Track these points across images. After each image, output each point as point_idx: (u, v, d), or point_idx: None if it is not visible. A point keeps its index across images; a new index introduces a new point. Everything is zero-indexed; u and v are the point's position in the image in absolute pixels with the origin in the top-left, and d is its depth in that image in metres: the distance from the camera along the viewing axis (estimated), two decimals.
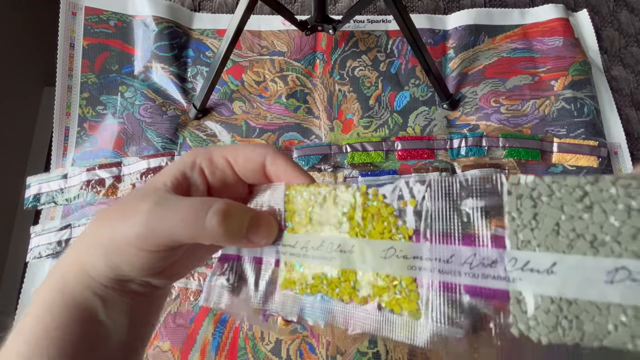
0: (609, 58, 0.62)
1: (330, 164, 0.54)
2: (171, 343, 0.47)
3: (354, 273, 0.17)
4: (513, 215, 0.14)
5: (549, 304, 0.13)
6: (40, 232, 0.52)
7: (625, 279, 0.11)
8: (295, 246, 0.19)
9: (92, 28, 0.60)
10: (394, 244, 0.16)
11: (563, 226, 0.13)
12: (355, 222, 0.18)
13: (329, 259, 0.18)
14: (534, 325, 0.13)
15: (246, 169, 0.22)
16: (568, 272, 0.12)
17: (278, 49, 0.61)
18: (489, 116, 0.57)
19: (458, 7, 0.64)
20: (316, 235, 0.19)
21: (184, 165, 0.22)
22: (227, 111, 0.58)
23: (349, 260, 0.17)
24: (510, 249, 0.14)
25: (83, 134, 0.57)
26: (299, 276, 0.19)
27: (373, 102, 0.58)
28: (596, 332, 0.12)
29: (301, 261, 0.19)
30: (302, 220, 0.20)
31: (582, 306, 0.12)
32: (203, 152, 0.23)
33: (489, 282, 0.14)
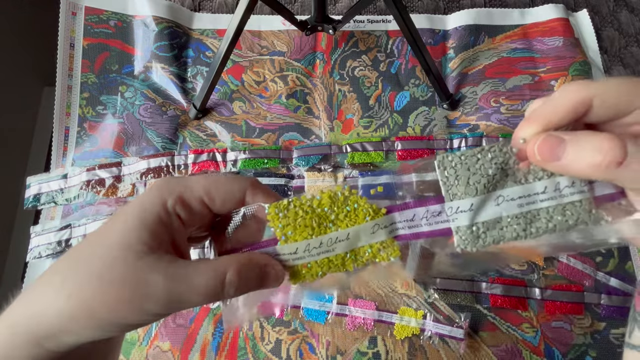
0: (609, 58, 0.62)
1: (330, 164, 0.54)
2: (171, 343, 0.47)
3: (353, 251, 0.22)
4: (443, 180, 0.21)
5: (472, 228, 0.21)
6: (40, 232, 0.52)
7: (503, 202, 0.21)
8: (297, 252, 0.22)
9: (92, 28, 0.60)
10: (377, 221, 0.22)
11: (471, 180, 0.21)
12: (343, 217, 0.22)
13: (331, 251, 0.22)
14: (467, 243, 0.21)
15: (223, 207, 0.22)
16: (478, 206, 0.21)
17: (278, 49, 0.61)
18: (489, 116, 0.57)
19: (458, 7, 0.64)
20: (314, 237, 0.22)
21: (156, 212, 0.20)
22: (227, 111, 0.58)
23: (348, 245, 0.22)
24: (446, 201, 0.21)
25: (83, 134, 0.57)
26: (307, 270, 0.22)
27: (373, 102, 0.58)
28: (498, 235, 0.21)
29: (307, 261, 0.22)
30: (295, 230, 0.22)
31: (488, 223, 0.21)
32: (170, 192, 0.20)
33: (438, 225, 0.22)
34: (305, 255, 0.22)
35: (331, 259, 0.22)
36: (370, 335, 0.47)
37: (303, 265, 0.22)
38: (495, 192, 0.20)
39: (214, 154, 0.54)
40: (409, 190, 0.23)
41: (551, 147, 0.18)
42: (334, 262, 0.22)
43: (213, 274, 0.20)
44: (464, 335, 0.46)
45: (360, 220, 0.22)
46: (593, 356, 0.46)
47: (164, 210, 0.20)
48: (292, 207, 0.22)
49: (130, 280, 0.18)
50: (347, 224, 0.22)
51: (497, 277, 0.48)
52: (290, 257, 0.22)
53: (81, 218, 0.52)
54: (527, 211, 0.20)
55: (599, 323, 0.47)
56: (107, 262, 0.19)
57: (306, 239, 0.22)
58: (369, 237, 0.22)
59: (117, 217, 0.20)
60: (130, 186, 0.53)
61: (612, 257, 0.50)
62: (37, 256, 0.51)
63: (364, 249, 0.22)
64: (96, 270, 0.18)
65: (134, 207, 0.20)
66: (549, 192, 0.20)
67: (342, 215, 0.22)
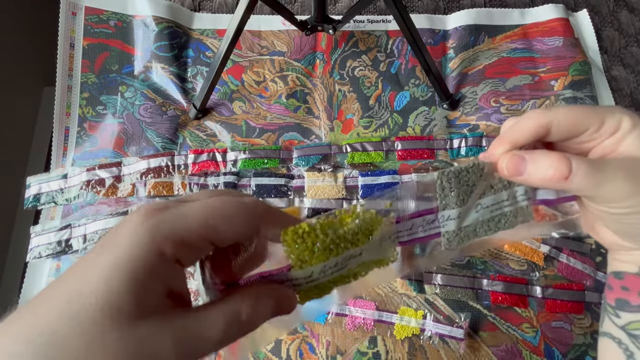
0: (609, 58, 0.62)
1: (330, 164, 0.54)
2: None
3: (364, 264, 0.24)
4: (439, 192, 0.24)
5: (457, 232, 0.25)
6: (40, 232, 0.52)
7: (480, 209, 0.24)
8: (312, 275, 0.22)
9: (92, 28, 0.60)
10: (383, 234, 0.23)
11: (460, 192, 0.24)
12: (361, 235, 0.22)
13: (344, 268, 0.23)
14: (451, 243, 0.25)
15: (230, 242, 0.19)
16: (464, 214, 0.24)
17: (278, 49, 0.61)
18: (489, 116, 0.57)
19: (458, 7, 0.64)
20: (329, 260, 0.22)
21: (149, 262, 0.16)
22: (227, 111, 0.58)
23: (360, 260, 0.23)
24: (440, 211, 0.24)
25: (83, 134, 0.57)
26: (318, 291, 0.23)
27: (373, 102, 0.58)
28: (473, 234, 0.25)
29: (321, 282, 0.22)
30: (312, 254, 0.21)
31: (468, 226, 0.25)
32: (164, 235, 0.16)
33: (432, 230, 0.25)
34: (320, 277, 0.22)
35: (343, 274, 0.23)
36: (370, 335, 0.47)
37: (315, 286, 0.22)
38: (477, 200, 0.24)
39: (214, 154, 0.54)
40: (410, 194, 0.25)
41: (515, 164, 0.23)
42: (344, 276, 0.23)
43: (227, 318, 0.18)
44: (464, 335, 0.46)
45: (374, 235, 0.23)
46: (593, 356, 0.46)
47: (160, 260, 0.16)
48: (310, 231, 0.21)
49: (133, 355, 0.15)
50: (362, 241, 0.23)
51: (499, 275, 0.48)
52: (304, 281, 0.22)
53: (81, 218, 0.52)
54: (495, 215, 0.25)
55: (599, 323, 0.47)
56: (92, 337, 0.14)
57: (323, 262, 0.21)
58: (378, 250, 0.24)
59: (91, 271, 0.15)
60: (130, 186, 0.53)
61: None
62: (37, 256, 0.51)
63: (373, 260, 0.24)
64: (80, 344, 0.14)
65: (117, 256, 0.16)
66: (510, 199, 0.24)
67: (360, 234, 0.22)
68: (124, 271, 0.15)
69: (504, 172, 0.23)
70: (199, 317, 0.17)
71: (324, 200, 0.52)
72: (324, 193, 0.52)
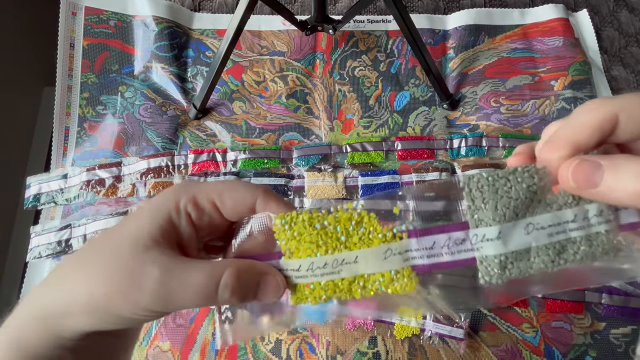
0: (609, 58, 0.62)
1: (330, 164, 0.54)
2: (171, 343, 0.47)
3: (362, 277, 0.20)
4: (469, 204, 0.19)
5: (500, 258, 0.19)
6: (40, 232, 0.52)
7: (533, 230, 0.19)
8: (300, 269, 0.21)
9: (92, 28, 0.60)
10: (390, 246, 0.20)
11: (499, 205, 0.19)
12: (356, 239, 0.20)
13: (337, 273, 0.20)
14: (492, 275, 0.19)
15: (234, 212, 0.21)
16: (506, 234, 0.19)
17: (278, 49, 0.61)
18: (489, 116, 0.57)
19: (458, 7, 0.64)
20: (319, 256, 0.20)
21: (168, 210, 0.21)
22: (227, 111, 0.58)
23: (355, 269, 0.20)
24: (471, 228, 0.19)
25: (83, 134, 0.57)
26: (310, 292, 0.21)
27: (373, 102, 0.58)
28: (525, 267, 0.19)
29: (309, 281, 0.21)
30: (299, 246, 0.21)
31: (516, 253, 0.19)
32: (185, 193, 0.21)
33: (461, 255, 0.20)
34: (308, 275, 0.20)
35: (337, 283, 0.20)
36: (370, 335, 0.47)
37: (306, 285, 0.21)
38: (525, 219, 0.19)
39: (214, 154, 0.54)
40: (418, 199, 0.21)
41: (587, 173, 0.17)
42: (339, 286, 0.20)
43: (209, 272, 0.19)
44: (464, 335, 0.46)
45: (373, 243, 0.20)
46: (593, 356, 0.46)
47: (175, 208, 0.21)
48: (300, 220, 0.21)
49: (129, 271, 0.19)
50: (359, 245, 0.20)
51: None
52: (293, 274, 0.21)
53: (81, 218, 0.52)
54: (557, 241, 0.18)
55: (599, 323, 0.47)
56: (115, 254, 0.19)
57: (310, 256, 0.20)
58: (381, 264, 0.20)
59: (134, 214, 0.21)
60: (130, 186, 0.53)
61: None
62: (37, 256, 0.51)
63: (375, 276, 0.20)
64: (105, 261, 0.19)
65: (149, 204, 0.21)
66: (578, 220, 0.18)
67: (355, 237, 0.20)
68: (148, 213, 0.20)
69: (570, 184, 0.18)
70: (190, 263, 0.19)
71: (324, 200, 0.52)
72: (324, 193, 0.52)
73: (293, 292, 0.21)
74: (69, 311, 0.19)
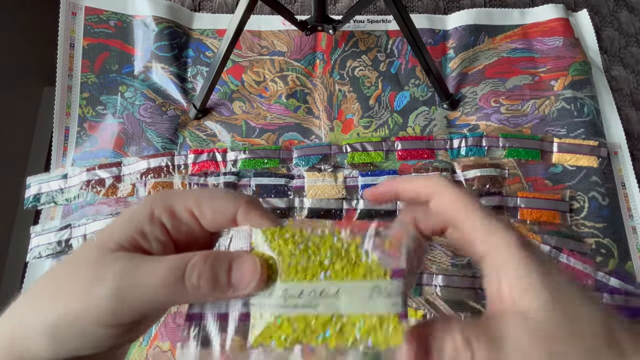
0: (609, 58, 0.62)
1: (330, 164, 0.54)
2: (171, 343, 0.47)
3: (340, 318, 0.17)
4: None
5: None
6: (40, 232, 0.52)
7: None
8: (272, 296, 0.18)
9: (92, 28, 0.60)
10: (378, 283, 0.17)
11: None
12: (340, 267, 0.18)
13: (312, 307, 0.17)
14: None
15: (214, 223, 0.20)
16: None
17: (278, 49, 0.61)
18: (489, 116, 0.57)
19: (458, 7, 0.64)
20: (295, 282, 0.18)
21: (140, 220, 0.19)
22: (227, 111, 0.58)
23: (334, 306, 0.17)
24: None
25: (83, 134, 0.57)
26: (276, 330, 0.17)
27: (373, 102, 0.58)
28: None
29: (279, 312, 0.17)
30: (275, 266, 0.18)
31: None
32: (161, 203, 0.20)
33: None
34: (280, 304, 0.17)
35: (309, 322, 0.17)
36: None
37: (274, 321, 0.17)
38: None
39: (214, 154, 0.54)
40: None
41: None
42: (310, 327, 0.17)
43: (178, 258, 0.18)
44: None
45: (357, 276, 0.18)
46: None
47: (149, 217, 0.19)
48: (282, 237, 0.19)
49: (92, 272, 0.18)
50: (341, 276, 0.18)
51: None
52: (264, 302, 0.18)
53: (81, 218, 0.52)
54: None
55: None
56: (81, 261, 0.18)
57: (285, 282, 0.18)
58: (364, 304, 0.17)
59: (110, 223, 0.20)
60: (130, 186, 0.53)
61: (612, 257, 0.50)
62: (37, 256, 0.51)
63: (355, 319, 0.17)
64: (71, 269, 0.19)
65: (126, 212, 0.20)
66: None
67: (339, 264, 0.18)
68: (122, 223, 0.19)
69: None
70: (152, 259, 0.18)
71: (324, 200, 0.52)
72: (324, 193, 0.52)
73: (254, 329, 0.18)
74: (29, 335, 0.18)
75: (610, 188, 0.53)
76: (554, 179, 0.53)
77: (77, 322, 0.17)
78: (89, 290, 0.17)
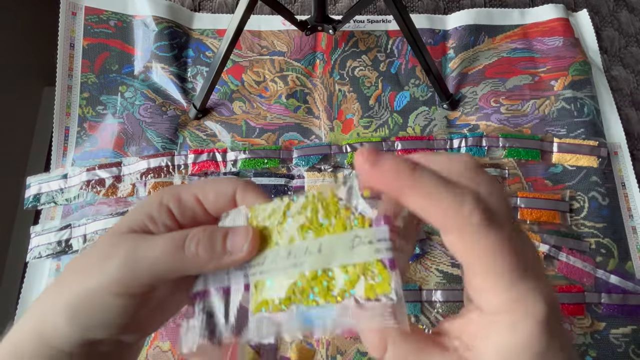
0: (609, 58, 0.62)
1: (330, 164, 0.54)
2: (171, 343, 0.47)
3: (325, 273, 0.17)
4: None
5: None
6: (40, 232, 0.52)
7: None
8: (265, 263, 0.19)
9: (92, 28, 0.60)
10: (358, 232, 0.17)
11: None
12: (319, 223, 0.18)
13: (299, 265, 0.18)
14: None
15: (217, 204, 0.22)
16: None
17: (278, 49, 0.61)
18: (489, 116, 0.57)
19: (458, 7, 0.64)
20: (284, 246, 0.19)
21: (150, 207, 0.21)
22: (227, 111, 0.58)
23: (319, 261, 0.18)
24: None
25: (83, 134, 0.57)
26: (271, 294, 0.18)
27: (373, 102, 0.58)
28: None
29: (271, 276, 0.19)
30: (267, 237, 0.20)
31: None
32: (169, 192, 0.22)
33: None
34: (272, 268, 0.19)
35: (296, 282, 0.18)
36: None
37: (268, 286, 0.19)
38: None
39: (214, 154, 0.54)
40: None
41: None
42: (299, 286, 0.18)
43: (177, 233, 0.20)
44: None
45: (338, 230, 0.18)
46: (593, 356, 0.46)
47: (157, 204, 0.21)
48: (271, 209, 0.20)
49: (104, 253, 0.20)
50: (322, 232, 0.18)
51: None
52: (258, 270, 0.19)
53: (81, 218, 0.52)
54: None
55: (599, 323, 0.47)
56: (96, 247, 0.21)
57: (274, 247, 0.19)
58: (347, 254, 0.17)
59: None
60: (130, 186, 0.53)
61: (612, 257, 0.50)
62: (37, 256, 0.51)
63: (340, 271, 0.17)
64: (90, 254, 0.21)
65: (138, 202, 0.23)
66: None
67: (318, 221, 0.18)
68: (134, 211, 0.21)
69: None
70: (158, 235, 0.20)
71: None
72: None
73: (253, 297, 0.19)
74: (51, 318, 0.19)
75: (610, 188, 0.53)
76: (554, 179, 0.53)
77: (93, 295, 0.19)
78: (102, 265, 0.19)
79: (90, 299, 0.19)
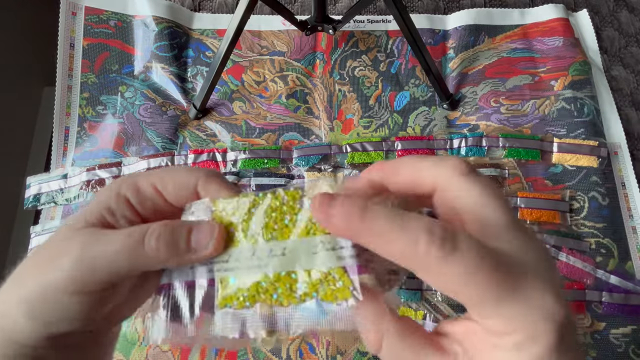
0: (609, 58, 0.62)
1: (330, 164, 0.54)
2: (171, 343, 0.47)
3: (289, 275, 0.18)
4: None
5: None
6: (40, 232, 0.52)
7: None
8: (229, 260, 0.19)
9: (92, 28, 0.60)
10: (321, 238, 0.17)
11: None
12: (283, 224, 0.18)
13: (263, 266, 0.18)
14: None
15: (177, 196, 0.21)
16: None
17: (278, 49, 0.61)
18: (489, 116, 0.57)
19: (458, 7, 0.64)
20: (247, 245, 0.19)
21: (107, 199, 0.20)
22: (227, 111, 0.58)
23: (283, 263, 0.18)
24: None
25: (83, 134, 0.57)
26: (235, 291, 0.19)
27: (373, 102, 0.58)
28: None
29: (235, 274, 0.19)
30: (231, 234, 0.19)
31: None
32: (127, 181, 0.20)
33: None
34: (236, 267, 0.19)
35: (261, 282, 0.18)
36: None
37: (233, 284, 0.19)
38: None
39: (214, 154, 0.54)
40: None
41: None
42: (262, 286, 0.18)
43: (136, 227, 0.19)
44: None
45: (302, 234, 0.18)
46: (593, 356, 0.46)
47: (115, 195, 0.20)
48: (238, 205, 0.19)
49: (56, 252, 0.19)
50: (286, 235, 0.18)
51: None
52: (223, 267, 0.19)
53: None
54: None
55: (599, 323, 0.47)
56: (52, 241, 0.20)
57: (239, 246, 0.19)
58: (310, 259, 0.18)
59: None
60: None
61: (612, 257, 0.50)
62: None
63: (303, 274, 0.18)
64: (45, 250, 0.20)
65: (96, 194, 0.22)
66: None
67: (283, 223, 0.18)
68: (92, 204, 0.20)
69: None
70: (116, 230, 0.19)
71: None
72: None
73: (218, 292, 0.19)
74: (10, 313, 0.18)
75: (610, 188, 0.53)
76: (554, 179, 0.53)
77: (47, 293, 0.18)
78: (56, 262, 0.18)
79: (44, 297, 0.18)
